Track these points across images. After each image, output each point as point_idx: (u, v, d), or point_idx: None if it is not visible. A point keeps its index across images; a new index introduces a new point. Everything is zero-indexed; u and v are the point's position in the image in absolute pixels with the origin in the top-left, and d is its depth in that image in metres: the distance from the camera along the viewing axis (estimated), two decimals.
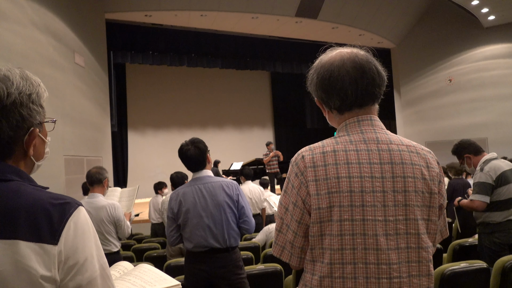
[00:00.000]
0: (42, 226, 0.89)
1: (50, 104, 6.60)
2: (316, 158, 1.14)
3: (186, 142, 2.72)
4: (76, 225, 0.93)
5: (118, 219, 3.28)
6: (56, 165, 6.60)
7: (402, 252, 1.09)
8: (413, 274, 1.09)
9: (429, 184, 1.14)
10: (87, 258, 0.94)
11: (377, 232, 1.08)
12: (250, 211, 2.72)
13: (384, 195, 1.10)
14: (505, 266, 2.45)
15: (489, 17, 11.59)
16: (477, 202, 3.22)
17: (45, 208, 0.91)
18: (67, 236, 0.91)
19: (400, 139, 1.19)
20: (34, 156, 1.04)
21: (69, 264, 0.91)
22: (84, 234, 0.95)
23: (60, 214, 0.92)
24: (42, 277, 0.88)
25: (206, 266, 2.55)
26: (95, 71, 8.86)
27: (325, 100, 1.24)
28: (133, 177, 12.87)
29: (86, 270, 0.93)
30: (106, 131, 9.48)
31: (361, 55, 1.21)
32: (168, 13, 9.93)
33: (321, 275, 1.11)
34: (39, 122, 1.02)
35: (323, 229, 1.11)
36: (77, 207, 0.95)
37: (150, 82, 13.72)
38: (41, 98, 1.03)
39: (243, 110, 15.42)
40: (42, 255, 0.88)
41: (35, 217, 0.90)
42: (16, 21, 5.82)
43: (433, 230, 1.15)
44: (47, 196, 0.94)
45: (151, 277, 1.70)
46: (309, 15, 10.77)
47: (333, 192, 1.10)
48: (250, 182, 6.31)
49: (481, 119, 12.05)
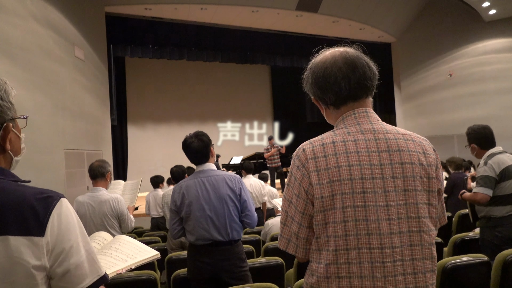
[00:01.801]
0: (29, 220, 0.96)
1: (50, 97, 6.62)
2: (316, 150, 1.19)
3: (190, 134, 2.72)
4: (60, 216, 1.01)
5: (122, 213, 3.23)
6: (56, 159, 6.59)
7: (404, 235, 1.12)
8: (416, 257, 1.12)
9: (426, 169, 1.18)
10: (72, 245, 1.02)
11: (379, 217, 1.12)
12: (252, 205, 2.72)
13: (383, 181, 1.14)
14: (506, 260, 2.45)
15: (490, 11, 11.55)
16: (480, 195, 3.22)
17: (31, 204, 0.98)
18: (52, 227, 0.99)
19: (396, 129, 1.24)
20: (11, 151, 1.10)
21: (56, 252, 0.99)
22: (68, 223, 1.02)
23: (44, 207, 0.99)
24: (34, 266, 0.96)
25: (209, 259, 2.56)
26: (95, 64, 8.84)
27: (321, 96, 1.29)
28: (133, 171, 12.88)
29: (72, 255, 1.01)
30: (106, 125, 9.47)
31: (351, 52, 1.28)
32: (168, 6, 9.88)
33: (327, 262, 1.14)
34: (11, 118, 1.08)
35: (326, 217, 1.15)
36: (59, 199, 1.02)
37: (149, 75, 13.69)
38: (9, 95, 1.08)
39: (243, 104, 15.40)
40: (32, 247, 0.96)
41: (22, 213, 0.97)
42: (15, 14, 5.79)
43: (434, 214, 1.19)
44: (31, 192, 1.01)
45: (131, 249, 1.76)
46: (310, 8, 10.72)
47: (335, 181, 1.14)
48: (251, 176, 6.32)
49: (482, 113, 12.04)
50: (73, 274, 1.01)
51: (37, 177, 5.65)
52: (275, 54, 12.98)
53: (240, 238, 2.69)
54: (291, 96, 15.93)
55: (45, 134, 6.27)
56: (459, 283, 2.45)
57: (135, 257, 1.68)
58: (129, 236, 1.86)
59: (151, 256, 1.74)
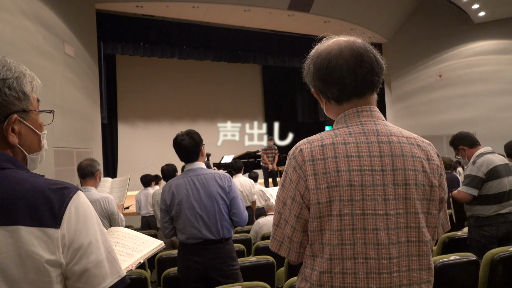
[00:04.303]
0: (43, 211, 0.89)
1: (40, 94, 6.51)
2: (315, 151, 1.11)
3: (182, 132, 2.71)
4: (78, 209, 0.93)
5: (112, 213, 3.15)
6: (45, 157, 6.51)
7: (402, 246, 1.07)
8: (413, 268, 1.08)
9: (429, 177, 1.12)
10: (91, 241, 0.94)
11: (377, 227, 1.06)
12: (240, 203, 2.70)
13: (384, 188, 1.08)
14: (493, 259, 2.49)
15: (479, 13, 11.68)
16: (462, 193, 3.27)
17: (44, 194, 0.90)
18: (69, 220, 0.91)
19: (400, 131, 1.17)
20: (23, 147, 1.01)
21: (73, 247, 0.91)
22: (87, 217, 0.95)
23: (60, 198, 0.91)
24: (48, 261, 0.87)
25: (199, 257, 2.55)
26: (85, 61, 8.76)
27: (322, 90, 1.20)
28: (123, 169, 12.78)
29: (91, 252, 0.93)
30: (96, 123, 9.39)
31: (359, 43, 1.19)
32: (159, 4, 9.83)
33: (320, 271, 1.09)
34: (21, 110, 1.00)
35: (322, 224, 1.09)
36: (76, 191, 0.95)
37: (140, 74, 13.60)
38: (23, 85, 1.00)
39: (234, 103, 15.37)
40: (45, 240, 0.87)
41: (34, 203, 0.89)
42: (4, 9, 5.72)
43: (432, 224, 1.14)
44: (45, 182, 0.94)
45: (133, 242, 1.64)
46: (302, 8, 10.74)
47: (333, 186, 1.07)
48: (241, 175, 6.32)
49: (471, 114, 12.19)
50: (93, 274, 0.93)
51: None
52: (267, 54, 12.98)
53: (230, 237, 2.68)
54: (282, 96, 15.99)
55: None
56: (448, 282, 2.48)
57: (140, 250, 1.56)
58: (123, 228, 1.78)
59: (157, 247, 1.63)
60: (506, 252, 2.52)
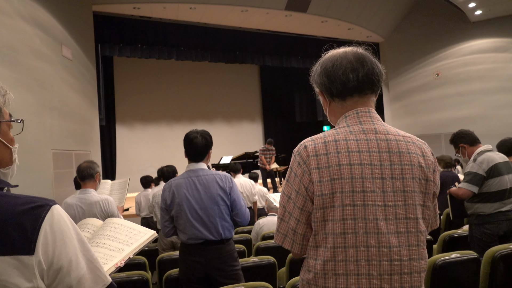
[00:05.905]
0: (14, 237, 0.83)
1: (38, 96, 6.53)
2: (318, 147, 1.20)
3: (195, 130, 2.72)
4: (53, 227, 0.88)
5: (112, 214, 3.15)
6: (44, 159, 6.51)
7: (402, 236, 1.14)
8: (413, 258, 1.15)
9: (425, 171, 1.20)
10: (71, 260, 0.90)
11: (377, 217, 1.13)
12: (242, 203, 2.71)
13: (382, 181, 1.16)
14: (494, 256, 2.50)
15: (476, 12, 11.71)
16: (462, 190, 3.28)
17: (15, 218, 0.85)
18: (45, 242, 0.86)
19: (397, 131, 1.27)
20: None
21: (53, 269, 0.87)
22: (64, 234, 0.90)
23: (32, 221, 0.86)
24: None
25: (201, 258, 2.55)
26: (82, 64, 8.74)
27: (327, 86, 1.30)
28: (122, 171, 12.76)
29: (73, 270, 0.90)
30: (95, 125, 9.37)
31: (361, 50, 1.33)
32: (156, 5, 9.82)
33: (324, 259, 1.16)
34: None
35: (326, 214, 1.16)
36: (49, 208, 0.89)
37: (138, 75, 13.59)
38: None
39: (232, 104, 15.37)
40: (20, 268, 0.83)
41: (5, 229, 0.83)
42: (1, 11, 5.70)
43: (427, 216, 1.22)
44: (14, 203, 0.87)
45: (125, 234, 1.61)
46: (299, 8, 10.75)
47: (335, 179, 1.15)
48: (241, 176, 6.31)
49: (468, 112, 12.21)
50: None
51: (24, 178, 5.57)
52: (264, 54, 12.97)
53: (231, 237, 2.68)
54: (280, 96, 16.02)
55: (32, 134, 6.18)
56: (449, 280, 2.49)
57: (131, 243, 1.54)
58: (118, 219, 1.77)
59: (149, 237, 1.61)
60: (507, 249, 2.53)
